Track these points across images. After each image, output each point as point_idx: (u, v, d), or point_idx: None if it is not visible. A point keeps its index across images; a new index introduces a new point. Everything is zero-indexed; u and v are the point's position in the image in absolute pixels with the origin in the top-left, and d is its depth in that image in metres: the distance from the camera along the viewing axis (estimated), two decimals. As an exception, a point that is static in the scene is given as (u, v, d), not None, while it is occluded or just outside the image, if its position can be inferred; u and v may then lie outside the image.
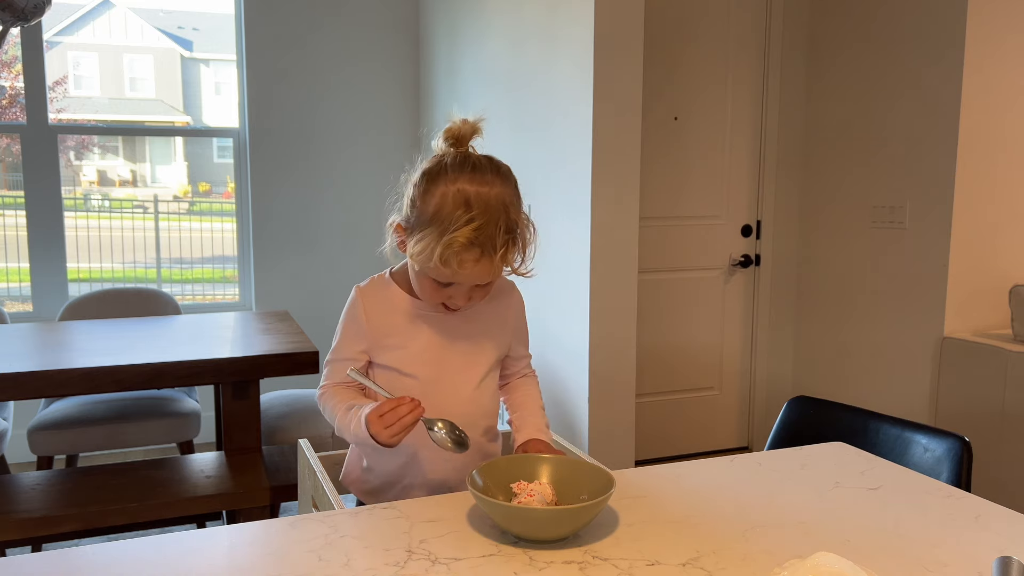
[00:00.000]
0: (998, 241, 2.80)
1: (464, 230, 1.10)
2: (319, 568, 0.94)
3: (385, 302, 1.28)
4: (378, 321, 1.27)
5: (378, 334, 1.27)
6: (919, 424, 1.53)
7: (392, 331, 1.26)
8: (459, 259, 1.12)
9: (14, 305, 3.90)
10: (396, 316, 1.27)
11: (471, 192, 1.13)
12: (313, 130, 3.86)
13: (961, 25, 2.66)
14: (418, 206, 1.17)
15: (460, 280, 1.16)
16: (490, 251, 1.12)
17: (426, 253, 1.13)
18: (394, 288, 1.29)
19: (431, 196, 1.15)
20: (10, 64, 4.81)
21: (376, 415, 1.15)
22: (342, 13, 3.84)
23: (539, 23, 2.90)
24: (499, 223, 1.13)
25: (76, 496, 2.02)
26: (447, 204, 1.13)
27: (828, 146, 3.28)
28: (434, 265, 1.13)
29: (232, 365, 2.15)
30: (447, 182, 1.14)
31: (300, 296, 3.88)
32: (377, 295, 1.29)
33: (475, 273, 1.15)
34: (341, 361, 1.29)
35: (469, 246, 1.11)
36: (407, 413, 1.13)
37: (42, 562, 0.95)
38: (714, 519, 1.09)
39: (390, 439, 1.14)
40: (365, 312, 1.27)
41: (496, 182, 1.16)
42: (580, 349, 2.72)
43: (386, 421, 1.13)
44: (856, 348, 3.15)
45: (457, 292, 1.19)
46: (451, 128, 1.21)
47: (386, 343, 1.27)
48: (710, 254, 3.41)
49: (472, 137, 1.22)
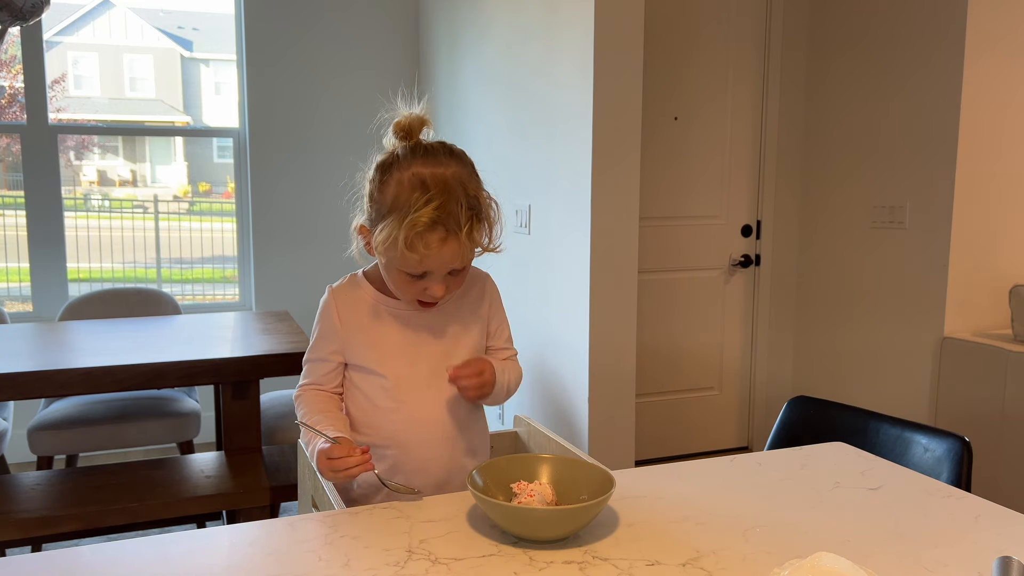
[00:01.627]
0: (998, 241, 2.80)
1: (424, 210, 1.10)
2: (319, 568, 0.94)
3: (358, 301, 1.28)
4: (351, 320, 1.26)
5: (351, 333, 1.26)
6: (919, 424, 1.53)
7: (364, 330, 1.26)
8: (424, 241, 1.11)
9: (14, 305, 3.90)
10: (368, 315, 1.27)
11: (426, 174, 1.13)
12: (313, 130, 3.86)
13: (961, 25, 2.66)
14: (376, 199, 1.17)
15: (430, 267, 1.15)
16: (455, 229, 1.12)
17: (391, 241, 1.12)
18: (367, 287, 1.29)
19: (387, 186, 1.15)
20: (10, 64, 4.81)
21: (325, 456, 1.14)
22: (342, 13, 3.84)
23: (539, 24, 2.90)
24: (459, 200, 1.12)
25: (76, 496, 2.02)
26: (404, 189, 1.13)
27: (828, 146, 3.28)
28: (400, 253, 1.12)
29: (232, 365, 2.15)
30: (401, 169, 1.15)
31: (300, 296, 3.88)
32: (350, 294, 1.29)
33: (444, 255, 1.13)
34: (316, 361, 1.29)
35: (432, 226, 1.10)
36: (355, 465, 1.12)
37: (42, 562, 0.95)
38: (714, 519, 1.09)
39: (332, 479, 1.15)
40: (338, 311, 1.27)
41: (451, 163, 1.16)
42: (580, 349, 2.72)
43: (333, 466, 1.13)
44: (856, 348, 3.15)
45: (432, 283, 1.18)
46: (399, 122, 1.20)
47: (359, 341, 1.26)
48: (710, 254, 3.41)
49: (421, 129, 1.21)
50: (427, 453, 1.27)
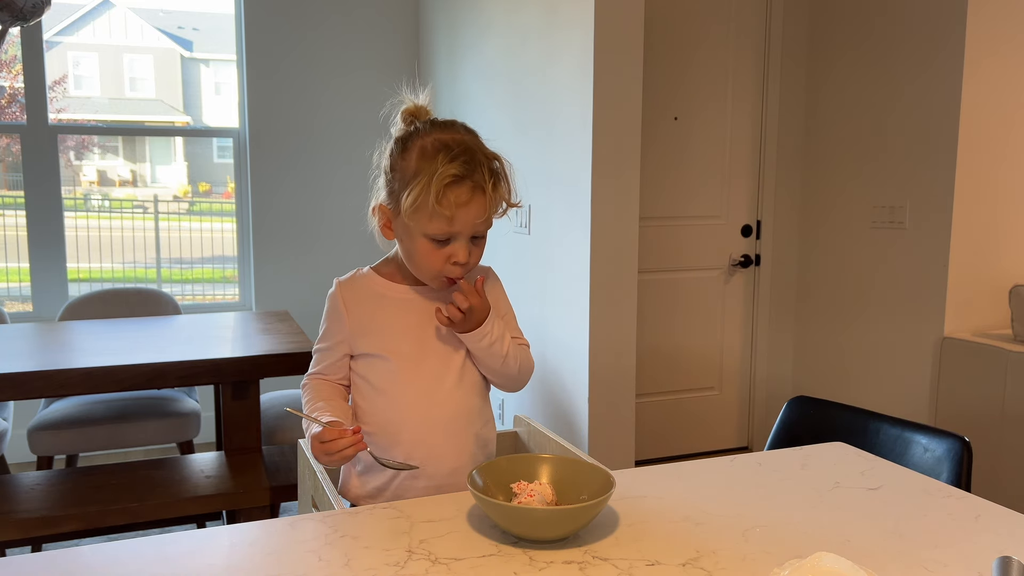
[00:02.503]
0: (998, 241, 2.80)
1: (451, 164, 1.15)
2: (319, 568, 0.94)
3: (364, 289, 1.30)
4: (358, 309, 1.28)
5: (358, 321, 1.28)
6: (919, 424, 1.53)
7: (372, 317, 1.28)
8: (454, 194, 1.15)
9: (14, 305, 3.90)
10: (376, 302, 1.29)
11: (447, 138, 1.19)
12: (313, 130, 3.86)
13: (961, 24, 2.66)
14: (399, 168, 1.21)
15: (458, 226, 1.17)
16: (481, 183, 1.16)
17: (420, 200, 1.15)
18: (374, 277, 1.31)
19: (409, 153, 1.20)
20: (10, 64, 4.81)
21: (318, 440, 1.16)
22: (342, 13, 3.84)
23: (539, 23, 2.90)
24: (480, 160, 1.18)
25: (76, 496, 2.02)
26: (427, 153, 1.18)
27: (828, 146, 3.28)
28: (430, 210, 1.15)
29: (232, 365, 2.15)
30: (422, 137, 1.20)
31: (300, 296, 3.88)
32: (356, 284, 1.31)
33: (471, 211, 1.17)
34: (323, 350, 1.32)
35: (460, 179, 1.15)
36: (347, 446, 1.13)
37: (42, 562, 0.95)
38: (714, 519, 1.09)
39: (328, 464, 1.17)
40: (344, 301, 1.29)
41: (467, 133, 1.23)
42: (580, 349, 2.72)
43: (326, 449, 1.14)
44: (856, 348, 3.15)
45: (456, 248, 1.20)
46: (408, 108, 1.26)
47: (366, 329, 1.27)
48: (710, 254, 3.41)
49: (425, 116, 1.26)
50: (435, 438, 1.27)
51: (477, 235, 1.21)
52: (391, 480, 1.29)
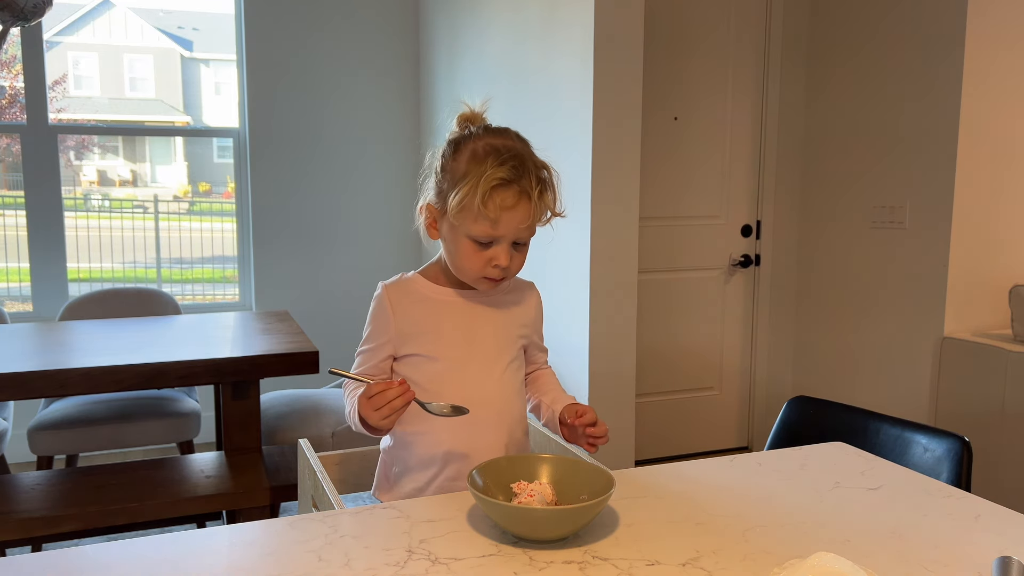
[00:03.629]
0: (998, 241, 2.80)
1: (500, 168, 1.16)
2: (319, 568, 0.94)
3: (411, 293, 1.30)
4: (404, 312, 1.29)
5: (405, 324, 1.28)
6: (919, 424, 1.53)
7: (419, 319, 1.29)
8: (501, 196, 1.16)
9: (14, 305, 3.90)
10: (422, 304, 1.29)
11: (498, 143, 1.21)
12: (313, 130, 3.86)
13: (961, 24, 2.66)
14: (449, 168, 1.23)
15: (502, 230, 1.19)
16: (528, 189, 1.18)
17: (466, 201, 1.17)
18: (420, 280, 1.32)
19: (461, 155, 1.22)
20: (10, 64, 4.81)
21: (365, 397, 1.17)
22: (342, 13, 3.84)
23: (539, 23, 2.90)
24: (529, 167, 1.19)
25: (76, 496, 2.02)
26: (478, 155, 1.19)
27: (828, 146, 3.28)
28: (476, 211, 1.17)
29: (232, 365, 2.15)
30: (474, 140, 1.22)
31: (300, 296, 3.88)
32: (402, 287, 1.31)
33: (516, 216, 1.18)
34: (367, 351, 1.31)
35: (507, 183, 1.17)
36: (396, 397, 1.15)
37: (42, 562, 0.95)
38: (714, 519, 1.09)
39: (380, 421, 1.16)
40: (391, 304, 1.29)
41: (520, 141, 1.25)
42: (580, 349, 2.72)
43: (375, 403, 1.15)
44: (856, 348, 3.15)
45: (499, 252, 1.21)
46: (464, 113, 1.27)
47: (413, 331, 1.28)
48: (710, 254, 3.41)
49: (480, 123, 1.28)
50: (477, 438, 1.27)
51: (520, 241, 1.23)
52: (429, 483, 1.29)
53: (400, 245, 4.05)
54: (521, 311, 1.36)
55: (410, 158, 4.03)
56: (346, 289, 3.92)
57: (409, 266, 4.06)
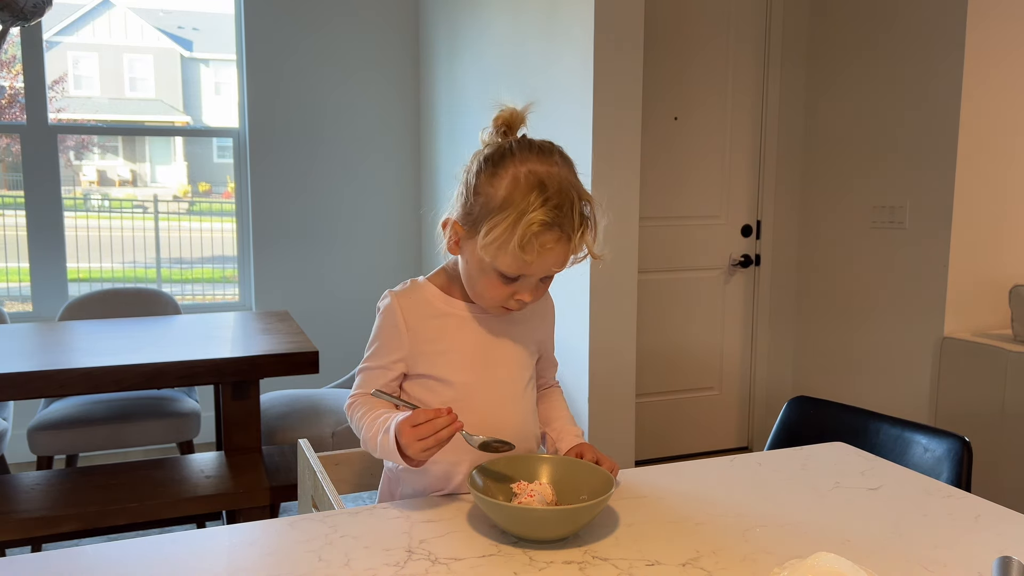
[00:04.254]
0: (998, 241, 2.80)
1: (543, 210, 1.05)
2: (319, 568, 0.94)
3: (424, 305, 1.19)
4: (417, 327, 1.18)
5: (418, 341, 1.18)
6: (919, 424, 1.53)
7: (433, 336, 1.18)
8: (540, 242, 1.05)
9: (14, 305, 3.90)
10: (437, 320, 1.19)
11: (542, 172, 1.07)
12: (313, 130, 3.86)
13: (961, 25, 2.66)
14: (484, 193, 1.09)
15: (533, 270, 1.09)
16: (568, 232, 1.07)
17: (502, 239, 1.05)
18: (432, 289, 1.21)
19: (499, 180, 1.08)
20: (10, 64, 4.81)
21: (409, 424, 1.05)
22: (342, 13, 3.84)
23: (539, 23, 2.90)
24: (574, 204, 1.08)
25: (76, 496, 2.02)
26: (519, 187, 1.07)
27: (828, 146, 3.28)
28: (511, 253, 1.06)
29: (232, 365, 2.15)
30: (516, 164, 1.08)
31: (300, 296, 3.88)
32: (414, 297, 1.20)
33: (553, 258, 1.08)
34: (376, 369, 1.19)
35: (549, 227, 1.05)
36: (444, 427, 1.04)
37: (42, 562, 0.95)
38: (714, 519, 1.09)
39: (420, 453, 1.05)
40: (404, 316, 1.17)
41: (564, 165, 1.12)
42: (580, 349, 2.72)
43: (420, 432, 1.04)
44: (856, 348, 3.15)
45: (524, 286, 1.12)
46: (501, 115, 1.15)
47: (426, 349, 1.18)
48: (710, 254, 3.41)
49: (520, 125, 1.15)
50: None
51: (548, 276, 1.14)
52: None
53: (400, 245, 4.05)
54: (538, 322, 1.29)
55: (410, 158, 4.03)
56: (346, 289, 3.92)
57: (409, 266, 4.07)
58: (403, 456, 1.08)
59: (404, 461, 1.09)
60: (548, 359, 1.36)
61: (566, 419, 1.33)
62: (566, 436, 1.28)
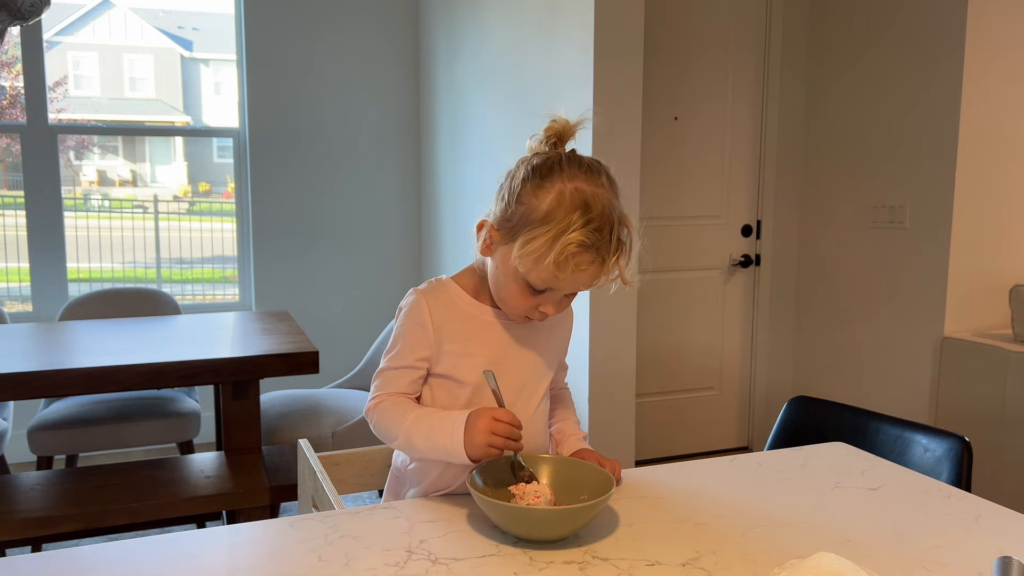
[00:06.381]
0: (998, 241, 2.80)
1: (583, 231, 1.04)
2: (319, 568, 0.94)
3: (451, 306, 1.18)
4: (444, 326, 1.17)
5: (443, 340, 1.17)
6: (919, 424, 1.53)
7: (458, 337, 1.17)
8: (576, 262, 1.05)
9: (14, 305, 3.90)
10: (463, 322, 1.18)
11: (588, 192, 1.07)
12: (313, 130, 3.86)
13: (961, 24, 2.66)
14: (526, 203, 1.08)
15: (563, 286, 1.10)
16: (604, 255, 1.07)
17: (538, 254, 1.06)
18: (457, 290, 1.20)
19: (545, 192, 1.08)
20: (10, 64, 4.81)
21: (491, 416, 1.08)
22: (342, 13, 3.84)
23: (539, 23, 2.90)
24: (613, 228, 1.08)
25: (76, 496, 2.02)
26: (564, 202, 1.06)
27: (828, 146, 3.28)
28: (546, 267, 1.06)
29: (232, 365, 2.15)
30: (563, 179, 1.08)
31: (300, 296, 3.88)
32: (441, 296, 1.19)
33: (585, 278, 1.09)
34: (400, 369, 1.17)
35: (587, 248, 1.05)
36: (516, 439, 1.08)
37: (42, 562, 0.95)
38: (714, 519, 1.09)
39: (485, 448, 1.07)
40: (431, 316, 1.16)
41: (609, 187, 1.12)
42: (580, 349, 2.72)
43: (496, 428, 1.07)
44: (856, 348, 3.15)
45: (549, 299, 1.12)
46: (553, 126, 1.15)
47: (450, 349, 1.17)
48: (710, 254, 3.41)
49: (570, 138, 1.16)
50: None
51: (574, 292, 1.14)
52: None
53: (400, 245, 4.05)
54: (560, 331, 1.28)
55: (410, 158, 4.03)
56: (346, 289, 3.92)
57: (408, 266, 4.08)
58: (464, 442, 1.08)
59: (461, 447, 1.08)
60: (560, 364, 1.34)
61: (570, 420, 1.33)
62: (569, 439, 1.28)
